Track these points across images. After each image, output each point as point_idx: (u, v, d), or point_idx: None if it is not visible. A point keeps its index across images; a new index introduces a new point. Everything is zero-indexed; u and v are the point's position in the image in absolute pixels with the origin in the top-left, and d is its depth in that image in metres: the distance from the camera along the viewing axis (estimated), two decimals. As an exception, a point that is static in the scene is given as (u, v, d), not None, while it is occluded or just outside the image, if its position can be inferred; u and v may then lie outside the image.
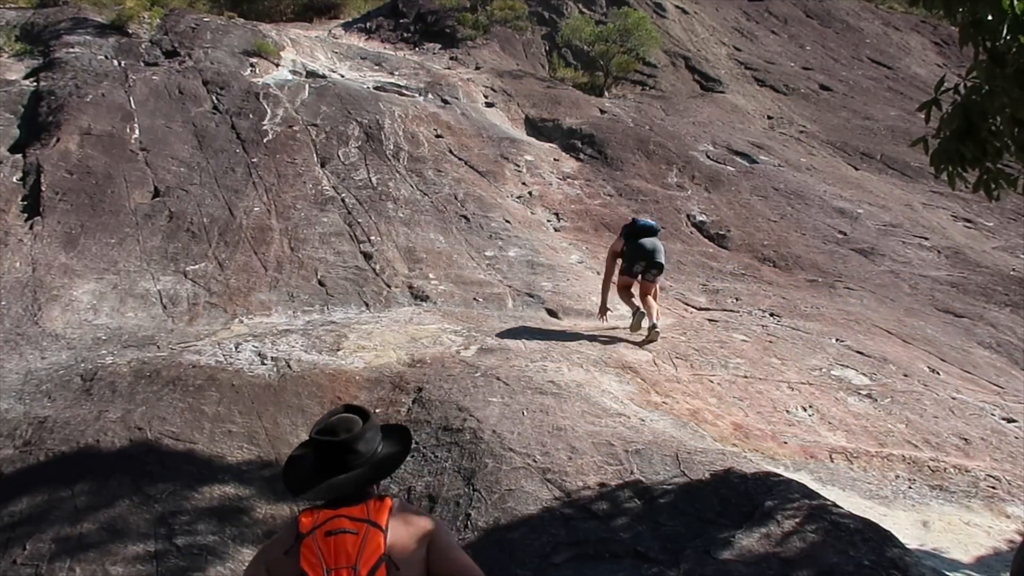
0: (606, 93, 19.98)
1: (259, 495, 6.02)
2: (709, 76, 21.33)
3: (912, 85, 22.44)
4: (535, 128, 17.12)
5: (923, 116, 5.07)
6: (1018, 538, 6.01)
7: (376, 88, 17.09)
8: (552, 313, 10.01)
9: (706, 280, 11.72)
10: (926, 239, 13.85)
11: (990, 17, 4.50)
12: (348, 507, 2.86)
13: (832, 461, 6.92)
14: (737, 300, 11.08)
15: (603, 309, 9.44)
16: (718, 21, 24.35)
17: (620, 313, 9.69)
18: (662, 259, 9.19)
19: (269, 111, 14.71)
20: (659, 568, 4.79)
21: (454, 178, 13.58)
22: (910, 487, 6.67)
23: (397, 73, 18.58)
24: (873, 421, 7.72)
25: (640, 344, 8.79)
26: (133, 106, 14.03)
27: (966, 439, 7.55)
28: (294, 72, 17.22)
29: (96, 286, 9.64)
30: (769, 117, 19.81)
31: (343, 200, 12.27)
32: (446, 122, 15.75)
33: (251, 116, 14.43)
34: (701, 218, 13.69)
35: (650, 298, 9.02)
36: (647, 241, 9.14)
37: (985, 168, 4.98)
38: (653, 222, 9.58)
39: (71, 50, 15.86)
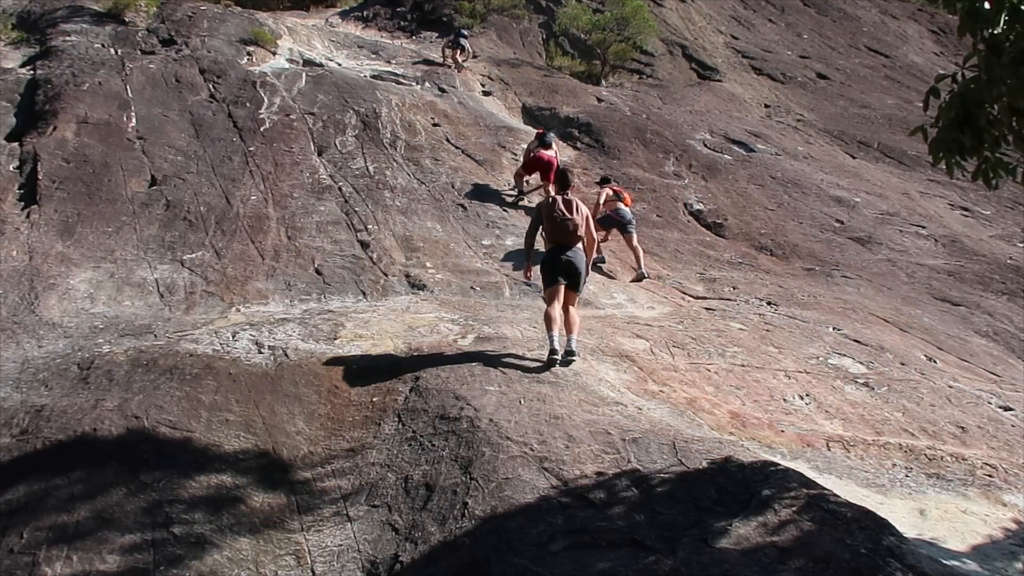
0: (603, 82, 19.94)
1: (255, 484, 6.02)
2: (706, 65, 21.30)
3: (909, 74, 22.42)
4: (532, 117, 17.09)
5: (920, 104, 5.05)
6: (1014, 526, 6.03)
7: (373, 77, 17.05)
8: (549, 302, 9.99)
9: (703, 269, 11.71)
10: (923, 227, 13.85)
11: (988, 6, 4.49)
12: None
13: (829, 449, 6.94)
14: (734, 289, 11.07)
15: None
16: (715, 9, 24.29)
17: (617, 302, 9.67)
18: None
19: (266, 100, 14.66)
20: (656, 556, 4.79)
21: (451, 166, 13.55)
22: (907, 475, 6.68)
23: (394, 62, 18.54)
24: (870, 409, 7.73)
25: None
26: (130, 95, 13.98)
27: (963, 427, 7.57)
28: (291, 61, 17.17)
29: (93, 275, 9.62)
30: (766, 106, 19.79)
31: (340, 189, 12.24)
32: (443, 111, 15.71)
33: (248, 105, 14.39)
34: (698, 207, 13.67)
35: None
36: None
37: (984, 157, 4.97)
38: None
39: (68, 38, 15.79)
